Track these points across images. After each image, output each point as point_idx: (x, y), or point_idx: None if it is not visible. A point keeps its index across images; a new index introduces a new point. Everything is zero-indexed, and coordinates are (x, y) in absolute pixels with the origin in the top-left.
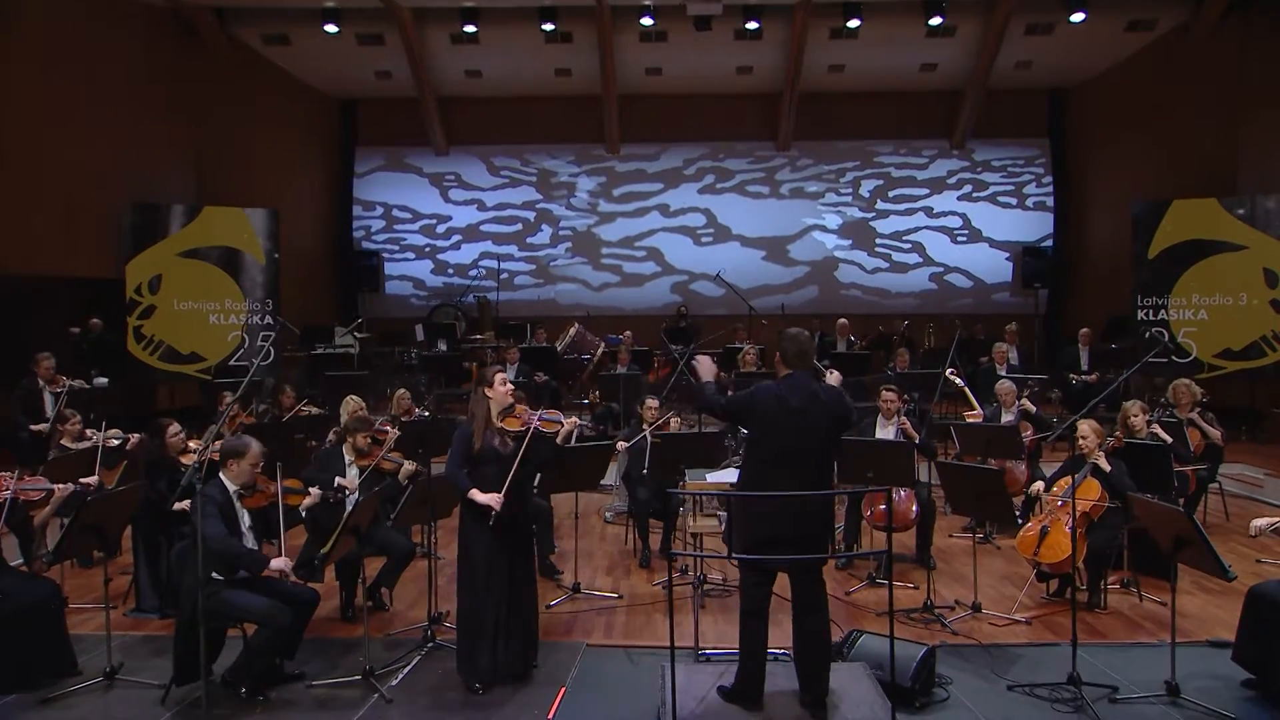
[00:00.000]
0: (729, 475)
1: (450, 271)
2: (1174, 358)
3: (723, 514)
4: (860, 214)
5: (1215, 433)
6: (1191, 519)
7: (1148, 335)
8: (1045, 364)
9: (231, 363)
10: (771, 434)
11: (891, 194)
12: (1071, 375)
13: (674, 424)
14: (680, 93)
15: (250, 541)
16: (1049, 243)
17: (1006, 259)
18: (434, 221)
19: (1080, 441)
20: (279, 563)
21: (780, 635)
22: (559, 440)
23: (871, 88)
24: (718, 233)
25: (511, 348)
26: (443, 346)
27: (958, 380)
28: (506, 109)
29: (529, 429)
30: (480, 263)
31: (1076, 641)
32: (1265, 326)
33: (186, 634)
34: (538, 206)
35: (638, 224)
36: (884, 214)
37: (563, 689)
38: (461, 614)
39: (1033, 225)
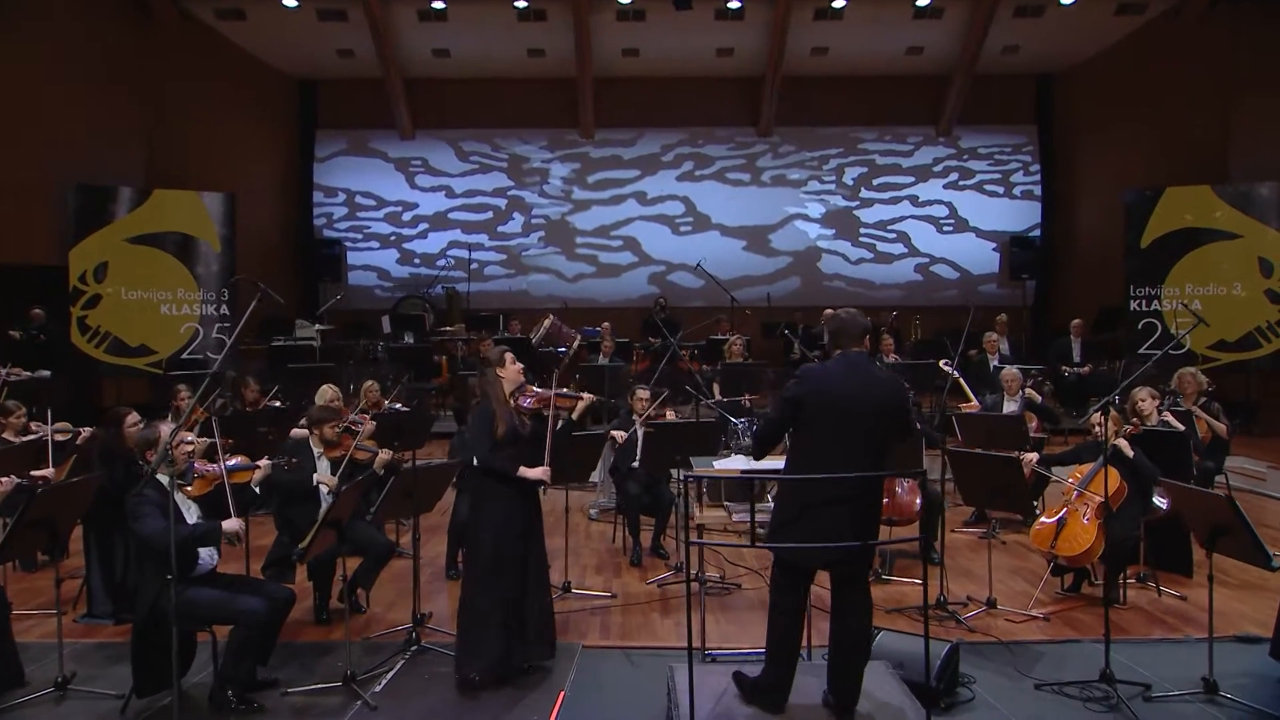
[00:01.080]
0: (737, 462)
1: (417, 261)
2: (1168, 350)
3: (729, 504)
4: (844, 202)
5: (1221, 425)
6: (1235, 505)
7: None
8: (1034, 356)
9: (184, 356)
10: (822, 418)
11: (876, 182)
12: (1064, 367)
13: (670, 415)
14: (658, 75)
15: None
16: (1037, 232)
17: (994, 249)
18: (399, 209)
19: (1097, 430)
20: (231, 524)
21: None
22: (574, 415)
23: (856, 72)
24: (697, 221)
25: (485, 339)
26: (409, 339)
27: (952, 371)
28: (476, 91)
29: (547, 404)
30: (449, 252)
31: (1110, 638)
32: (1260, 317)
33: (146, 639)
34: (509, 194)
35: (613, 212)
36: (868, 202)
37: (561, 693)
38: (471, 601)
39: (1020, 214)
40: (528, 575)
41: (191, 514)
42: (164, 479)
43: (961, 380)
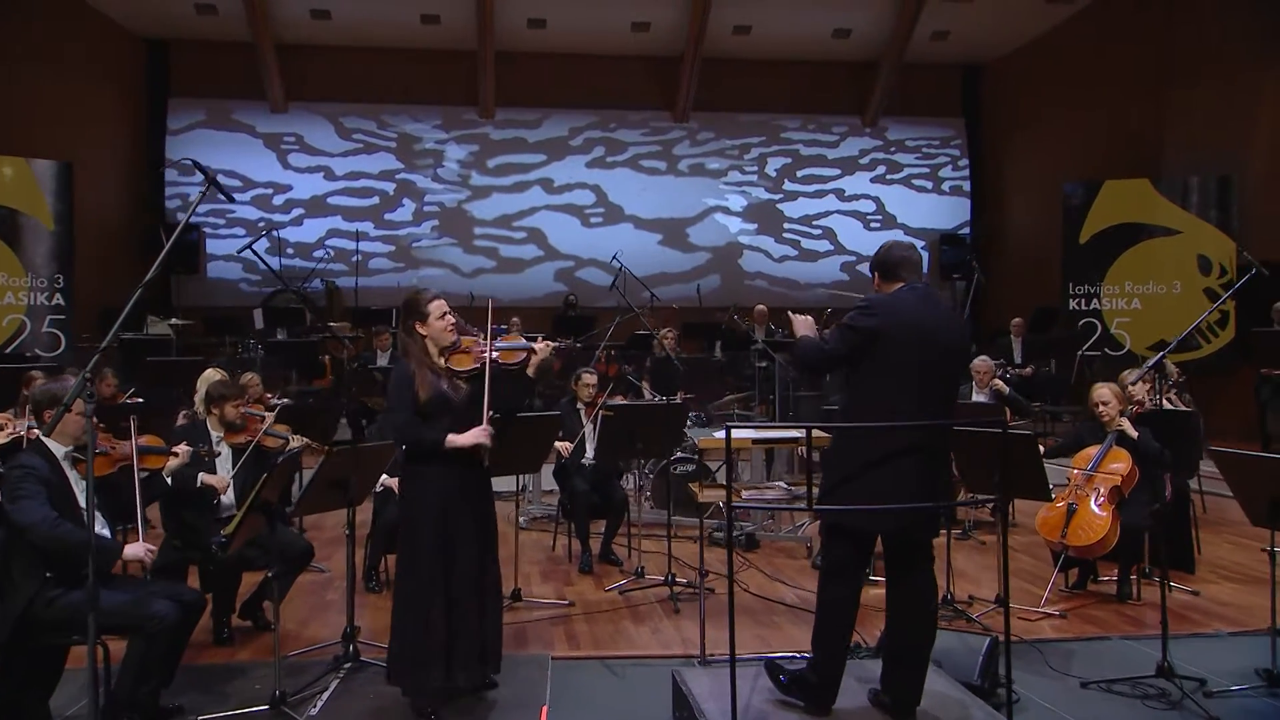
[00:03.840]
0: (744, 433)
1: (290, 252)
2: (1107, 350)
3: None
4: (766, 195)
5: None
6: None
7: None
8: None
9: (9, 350)
10: (896, 356)
11: (800, 174)
12: (1006, 367)
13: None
14: (566, 51)
15: (103, 528)
16: (967, 230)
17: (922, 248)
18: (270, 191)
19: (1100, 409)
20: (135, 549)
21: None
22: (531, 371)
23: (779, 55)
24: (608, 213)
25: (385, 332)
26: (282, 335)
27: None
28: (361, 60)
29: (484, 364)
30: (327, 242)
31: (1167, 631)
32: (1199, 316)
33: (8, 662)
34: (398, 177)
35: (516, 200)
36: (792, 195)
37: (544, 708)
38: (404, 612)
39: (949, 211)
40: (480, 576)
41: (84, 496)
42: (57, 449)
43: None
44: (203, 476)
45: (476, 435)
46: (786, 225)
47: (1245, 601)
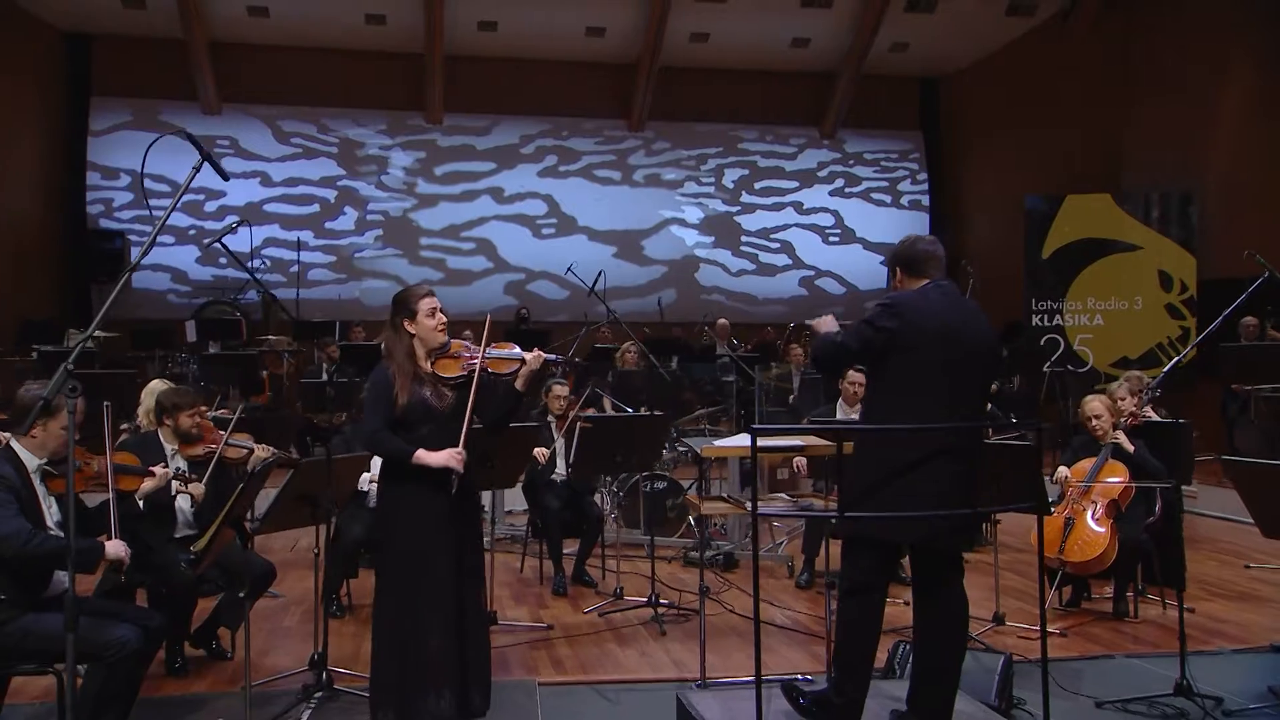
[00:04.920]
0: (739, 439)
1: (223, 261)
2: (1070, 366)
3: (734, 496)
4: (724, 207)
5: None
6: None
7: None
8: None
9: None
10: (923, 358)
11: (758, 186)
12: None
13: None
14: (519, 56)
15: None
16: None
17: (881, 263)
18: (201, 198)
19: (1094, 422)
20: (115, 546)
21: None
22: (519, 384)
23: (737, 64)
24: (561, 223)
25: (332, 344)
26: (215, 348)
27: None
28: (301, 61)
29: (474, 372)
30: (264, 251)
31: (1185, 649)
32: (1161, 333)
33: None
34: (339, 184)
35: (465, 210)
36: (750, 208)
37: None
38: (385, 637)
39: (909, 226)
40: (466, 598)
41: (52, 513)
42: (30, 459)
43: None
44: (176, 485)
45: (448, 458)
46: (744, 238)
47: (1241, 618)
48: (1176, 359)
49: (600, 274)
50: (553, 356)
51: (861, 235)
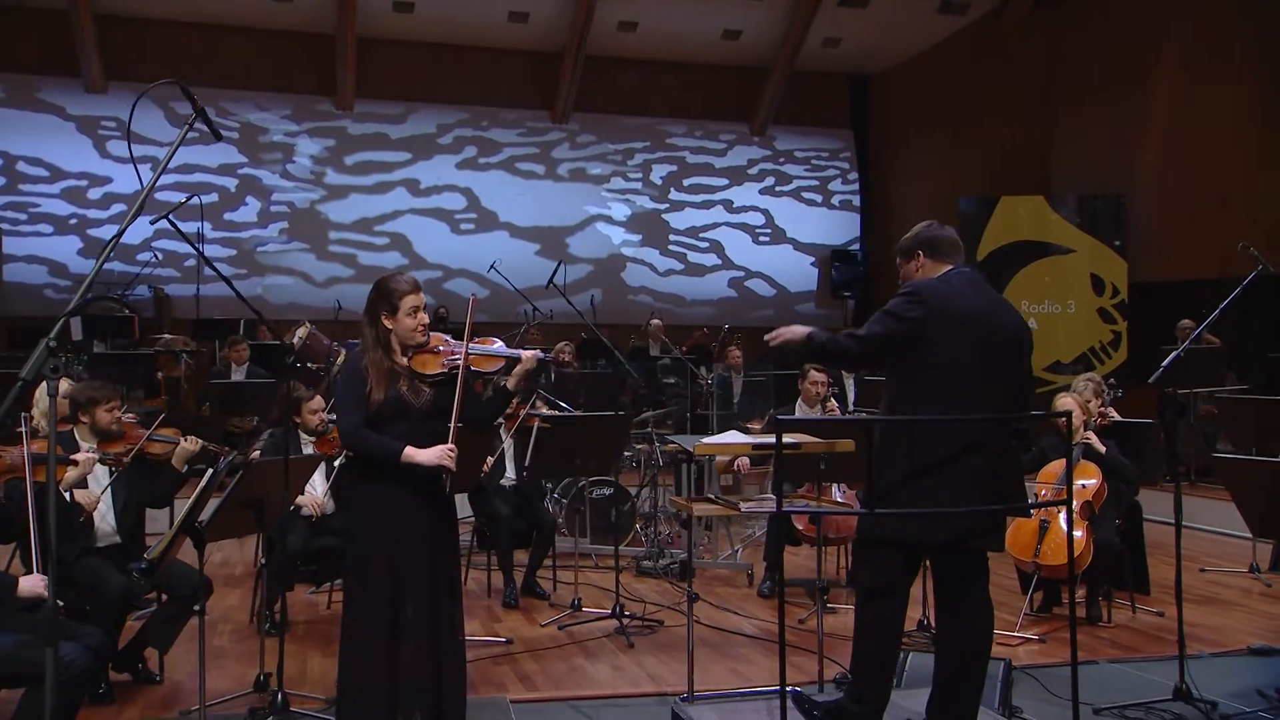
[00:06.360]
0: (733, 436)
1: (110, 254)
2: None
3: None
4: (651, 204)
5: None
6: None
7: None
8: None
9: None
10: (951, 348)
11: (686, 183)
12: None
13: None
14: (437, 40)
15: None
16: (857, 246)
17: (811, 264)
18: (84, 183)
19: (1062, 421)
20: (31, 583)
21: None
22: (512, 384)
23: (666, 55)
24: (481, 218)
25: (241, 342)
26: (100, 348)
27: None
28: (198, 38)
29: (456, 369)
30: (154, 244)
31: (1184, 652)
32: (1094, 337)
33: None
34: (240, 173)
35: (377, 203)
36: (678, 205)
37: None
38: (353, 654)
39: (840, 226)
40: (441, 612)
41: None
42: None
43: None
44: (76, 492)
45: (439, 455)
46: (672, 237)
47: (1211, 622)
48: (1174, 354)
49: (559, 265)
50: (546, 355)
51: (792, 235)
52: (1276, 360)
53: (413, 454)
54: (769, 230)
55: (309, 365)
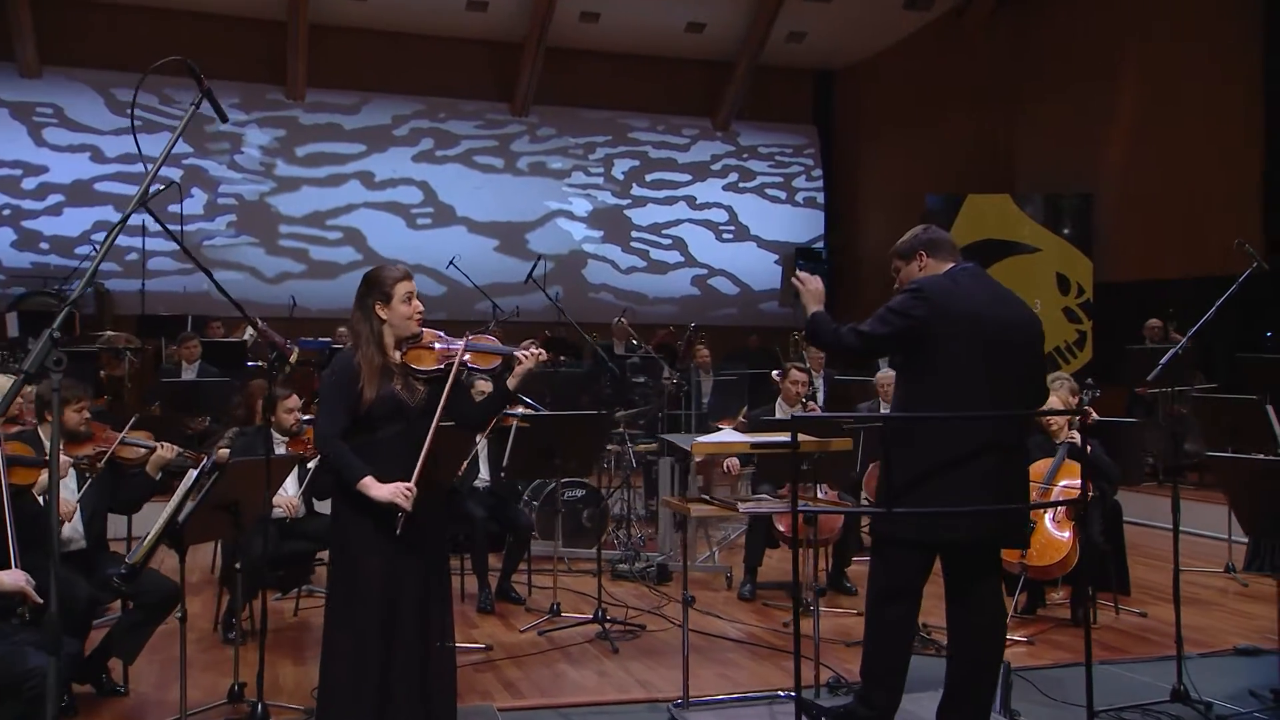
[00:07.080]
0: (729, 434)
1: (45, 246)
2: None
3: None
4: (613, 200)
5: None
6: None
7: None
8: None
9: None
10: (958, 347)
11: (649, 178)
12: None
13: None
14: (392, 28)
15: None
16: (822, 243)
17: (775, 262)
18: (18, 173)
19: (1049, 420)
20: (14, 577)
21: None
22: (512, 383)
23: (629, 48)
24: (438, 213)
25: (192, 339)
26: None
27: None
28: (140, 21)
29: (453, 365)
30: (94, 236)
31: (1182, 653)
32: (1059, 337)
33: None
34: (185, 163)
35: (330, 196)
36: (640, 201)
37: None
38: (337, 665)
39: (805, 224)
40: (430, 621)
41: None
42: None
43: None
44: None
45: (393, 492)
46: (634, 233)
47: (1194, 622)
48: (1172, 351)
49: (539, 260)
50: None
51: (756, 233)
52: (1243, 360)
53: (369, 485)
54: (732, 227)
55: (260, 363)
